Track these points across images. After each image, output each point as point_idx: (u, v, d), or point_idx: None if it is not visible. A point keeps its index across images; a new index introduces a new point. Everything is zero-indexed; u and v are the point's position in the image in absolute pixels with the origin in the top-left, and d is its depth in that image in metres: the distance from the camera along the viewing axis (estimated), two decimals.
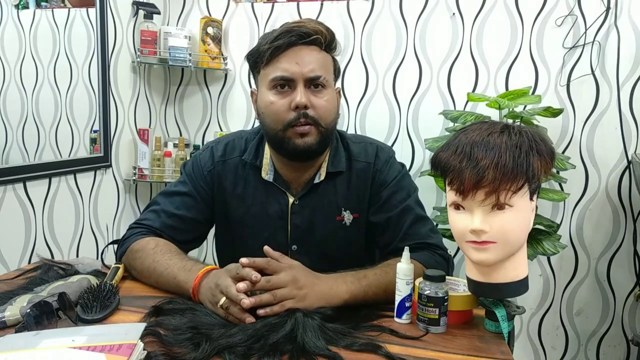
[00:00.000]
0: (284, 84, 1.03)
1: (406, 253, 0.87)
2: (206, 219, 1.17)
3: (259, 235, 1.14)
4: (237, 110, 2.20)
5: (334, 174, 1.13)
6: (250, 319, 0.81)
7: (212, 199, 1.16)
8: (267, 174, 1.13)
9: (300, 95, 1.01)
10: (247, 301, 0.81)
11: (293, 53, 1.03)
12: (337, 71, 1.13)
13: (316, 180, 1.12)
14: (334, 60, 1.11)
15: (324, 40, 1.05)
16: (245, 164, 1.15)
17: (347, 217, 1.13)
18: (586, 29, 1.81)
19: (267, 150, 1.14)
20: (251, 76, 2.15)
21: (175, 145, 2.13)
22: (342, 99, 2.02)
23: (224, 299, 0.83)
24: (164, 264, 0.98)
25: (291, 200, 1.12)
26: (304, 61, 1.02)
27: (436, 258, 1.06)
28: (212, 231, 1.25)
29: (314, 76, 1.03)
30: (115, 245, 1.14)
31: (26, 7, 1.58)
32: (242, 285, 0.82)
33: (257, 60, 1.07)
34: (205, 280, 0.90)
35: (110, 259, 1.18)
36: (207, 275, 0.91)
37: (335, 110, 1.09)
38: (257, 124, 2.26)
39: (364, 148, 1.17)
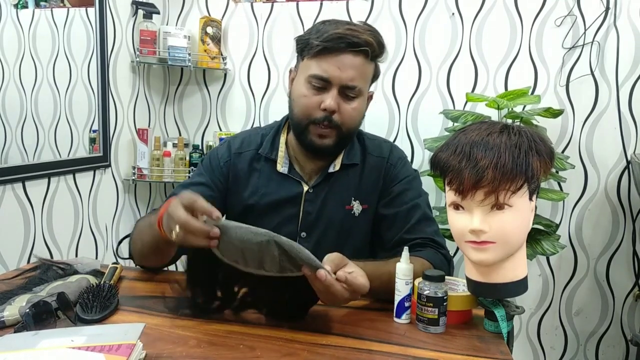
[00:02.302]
0: (320, 84, 1.07)
1: (405, 253, 0.87)
2: (219, 208, 1.18)
3: (270, 222, 1.17)
4: (236, 110, 2.20)
5: (348, 166, 1.17)
6: (212, 242, 0.78)
7: (226, 189, 1.19)
8: (282, 166, 1.17)
9: (330, 100, 1.05)
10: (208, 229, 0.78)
11: (338, 57, 1.05)
12: (376, 77, 1.16)
13: (331, 170, 1.16)
14: (376, 67, 1.14)
15: (372, 52, 1.08)
16: (260, 158, 1.19)
17: (357, 207, 1.16)
18: (585, 29, 1.81)
19: (282, 143, 1.18)
20: (249, 76, 2.15)
21: (174, 145, 2.13)
22: None
23: (177, 228, 0.79)
24: (146, 222, 1.00)
25: (305, 188, 1.16)
26: (346, 67, 1.05)
27: (439, 257, 1.07)
28: None
29: (351, 85, 1.06)
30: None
31: (25, 6, 1.58)
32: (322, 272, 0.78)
33: (304, 49, 1.10)
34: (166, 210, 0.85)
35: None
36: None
37: (360, 118, 1.14)
38: (256, 123, 2.27)
39: (379, 145, 1.22)
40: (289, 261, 0.79)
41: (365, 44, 1.05)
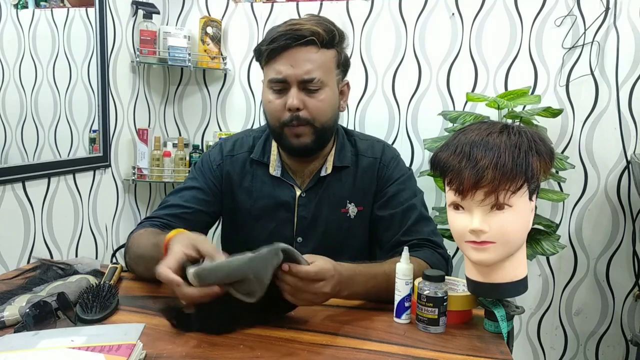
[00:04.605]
0: (279, 86, 1.06)
1: (405, 253, 0.87)
2: (214, 211, 1.20)
3: (266, 227, 1.16)
4: (236, 110, 2.20)
5: (340, 168, 1.16)
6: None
7: (220, 192, 1.19)
8: (274, 169, 1.16)
9: (292, 99, 1.04)
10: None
11: (288, 55, 1.05)
12: (344, 64, 1.14)
13: (323, 173, 1.15)
14: (339, 53, 1.11)
15: (321, 40, 1.06)
16: (253, 161, 1.18)
17: (352, 209, 1.16)
18: (585, 29, 1.81)
19: (274, 146, 1.18)
20: (249, 76, 2.15)
21: (174, 145, 2.13)
22: None
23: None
24: (143, 247, 0.98)
25: (298, 192, 1.15)
26: (299, 63, 1.04)
27: (436, 256, 1.07)
28: (215, 226, 1.26)
29: (308, 78, 1.04)
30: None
31: (25, 6, 1.58)
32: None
33: (259, 59, 1.12)
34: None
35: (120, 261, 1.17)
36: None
37: (331, 110, 1.10)
38: (257, 123, 2.27)
39: (371, 145, 1.21)
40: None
41: (310, 34, 1.04)
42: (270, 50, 1.05)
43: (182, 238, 0.84)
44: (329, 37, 1.06)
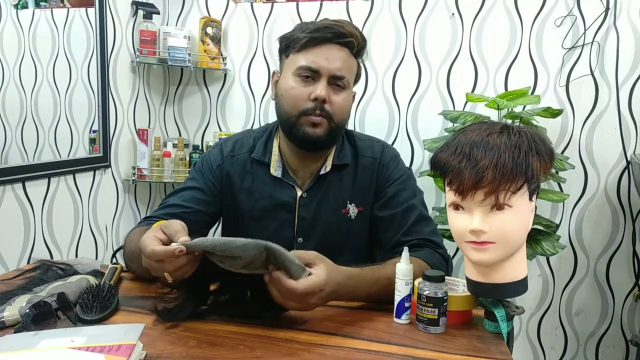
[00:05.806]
0: (309, 75, 1.08)
1: (405, 253, 0.87)
2: (214, 212, 1.19)
3: (267, 228, 1.16)
4: (236, 111, 2.20)
5: (340, 167, 1.16)
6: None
7: (220, 192, 1.18)
8: (275, 170, 1.16)
9: (321, 89, 1.06)
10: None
11: (325, 48, 1.08)
12: (358, 76, 1.19)
13: (322, 172, 1.15)
14: (358, 66, 1.17)
15: (357, 45, 1.11)
16: (253, 161, 1.18)
17: (352, 210, 1.16)
18: (585, 30, 1.81)
19: (275, 147, 1.18)
20: (249, 76, 2.15)
21: (174, 146, 2.13)
22: None
23: (167, 275, 0.81)
24: (135, 242, 0.96)
25: (299, 193, 1.15)
26: (333, 58, 1.07)
27: (437, 256, 1.07)
28: (215, 226, 1.26)
29: (339, 75, 1.08)
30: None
31: (25, 7, 1.58)
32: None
33: (290, 45, 1.11)
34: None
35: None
36: None
37: (348, 111, 1.14)
38: (257, 123, 2.27)
39: (371, 145, 1.21)
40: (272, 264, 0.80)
41: (350, 35, 1.08)
42: (310, 38, 1.07)
43: (155, 226, 0.83)
44: (362, 45, 1.12)
